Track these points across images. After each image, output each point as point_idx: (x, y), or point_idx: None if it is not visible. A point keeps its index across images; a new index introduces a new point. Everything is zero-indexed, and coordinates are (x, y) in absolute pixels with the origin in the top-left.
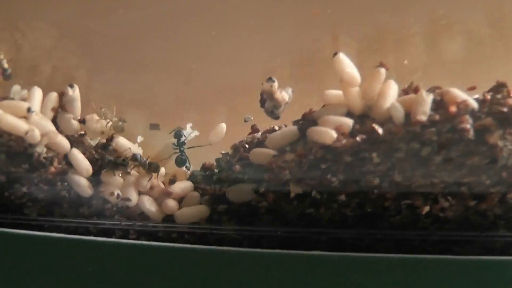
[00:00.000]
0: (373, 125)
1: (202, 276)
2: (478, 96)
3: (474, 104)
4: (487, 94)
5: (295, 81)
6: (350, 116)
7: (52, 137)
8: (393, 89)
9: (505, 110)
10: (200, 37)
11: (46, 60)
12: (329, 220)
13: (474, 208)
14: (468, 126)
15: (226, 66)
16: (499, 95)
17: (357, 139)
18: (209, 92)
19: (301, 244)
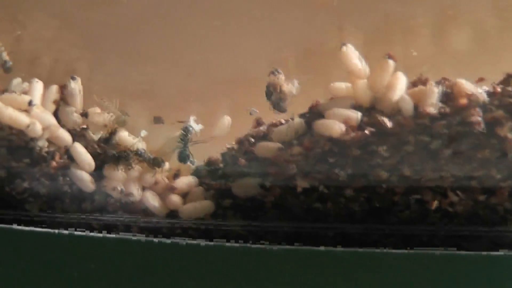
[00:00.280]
0: (382, 117)
1: (207, 272)
2: (488, 88)
3: (485, 96)
4: (497, 86)
5: (300, 72)
6: (357, 108)
7: (54, 130)
8: (401, 81)
9: None
10: (204, 28)
11: (47, 52)
12: (336, 215)
13: (484, 203)
14: (479, 119)
15: (230, 57)
16: (510, 87)
17: (365, 132)
18: (213, 84)
19: (308, 239)
